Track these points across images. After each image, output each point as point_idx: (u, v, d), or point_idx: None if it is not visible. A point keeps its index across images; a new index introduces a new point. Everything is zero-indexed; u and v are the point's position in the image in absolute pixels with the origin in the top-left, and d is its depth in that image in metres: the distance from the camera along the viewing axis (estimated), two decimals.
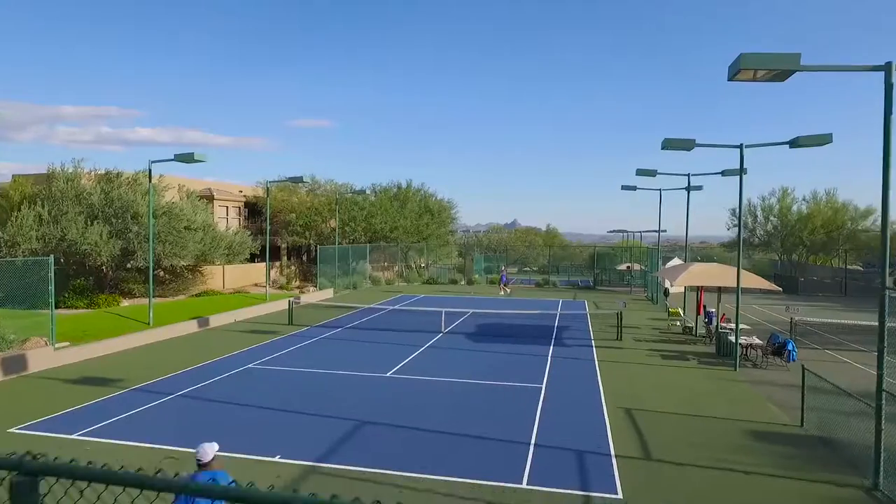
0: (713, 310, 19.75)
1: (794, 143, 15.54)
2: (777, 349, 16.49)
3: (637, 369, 16.28)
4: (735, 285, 17.12)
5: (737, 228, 47.75)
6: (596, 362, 17.09)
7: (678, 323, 23.32)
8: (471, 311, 27.07)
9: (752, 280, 16.97)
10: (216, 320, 23.25)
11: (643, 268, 41.83)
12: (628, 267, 40.72)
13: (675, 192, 30.24)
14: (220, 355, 17.34)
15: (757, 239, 46.27)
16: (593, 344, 19.89)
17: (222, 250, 32.87)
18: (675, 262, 37.22)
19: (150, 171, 20.62)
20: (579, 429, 11.17)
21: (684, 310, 23.52)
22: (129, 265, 31.06)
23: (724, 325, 18.99)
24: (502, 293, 36.79)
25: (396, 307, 28.37)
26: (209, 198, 41.87)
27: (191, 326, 21.58)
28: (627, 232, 54.41)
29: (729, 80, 9.33)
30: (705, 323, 20.01)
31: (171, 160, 19.77)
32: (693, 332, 21.76)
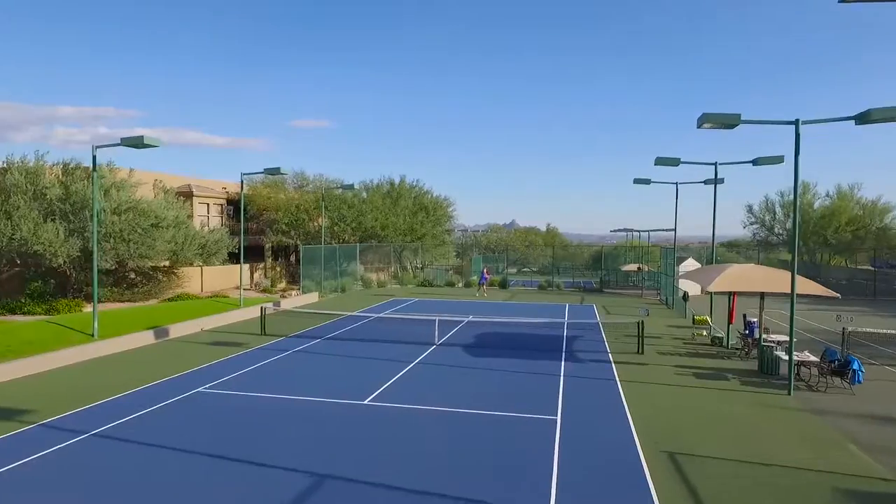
0: (754, 319, 16.89)
1: (863, 118, 12.69)
2: (838, 368, 13.65)
3: (669, 393, 13.44)
4: (782, 290, 14.33)
5: (753, 226, 45.30)
6: (618, 383, 14.24)
7: (705, 332, 20.47)
8: (468, 317, 24.25)
9: (806, 286, 14.15)
10: (178, 330, 20.37)
11: (650, 269, 39.07)
12: (639, 268, 37.89)
13: (681, 190, 27.41)
14: (166, 375, 14.46)
15: (775, 237, 43.35)
16: (611, 358, 17.05)
17: (195, 249, 29.96)
18: (690, 262, 34.46)
19: (93, 157, 17.71)
20: (613, 487, 8.32)
21: (711, 317, 20.67)
22: (109, 267, 28.18)
23: (766, 336, 16.14)
24: (477, 294, 34.24)
25: (385, 314, 25.54)
26: (188, 194, 39.01)
27: (145, 338, 18.70)
28: (634, 231, 51.64)
29: (841, 1, 6.41)
30: (744, 334, 17.14)
31: (118, 144, 16.91)
32: (724, 344, 18.93)
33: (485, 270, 37.70)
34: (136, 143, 16.56)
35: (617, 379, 14.62)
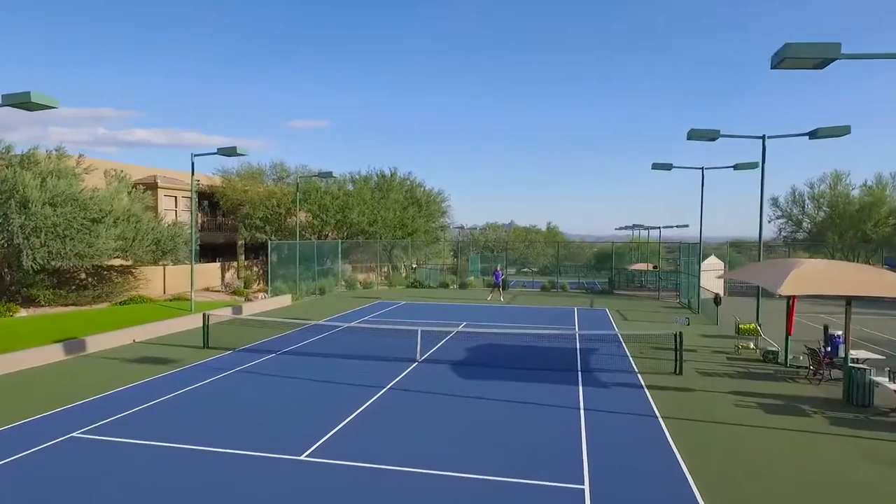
0: (839, 332, 13.04)
1: None
2: None
3: (735, 437, 9.57)
4: (886, 294, 10.51)
5: (779, 221, 41.25)
6: (660, 420, 10.38)
7: (752, 345, 16.61)
8: (461, 325, 20.41)
9: None
10: (103, 341, 16.50)
11: (658, 268, 35.27)
12: (655, 266, 34.03)
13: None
14: (44, 410, 10.59)
15: (803, 233, 39.31)
16: (642, 381, 13.18)
17: (148, 246, 26.06)
18: (713, 260, 30.64)
19: None
20: None
21: (759, 324, 16.79)
22: (40, 267, 24.31)
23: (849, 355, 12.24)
24: (490, 298, 29.65)
25: (357, 323, 21.70)
26: (152, 186, 35.06)
27: (51, 354, 14.81)
28: (644, 228, 47.79)
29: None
30: (818, 350, 13.21)
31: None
32: (779, 360, 15.09)
33: (498, 269, 31.77)
34: (22, 101, 12.65)
35: (657, 414, 10.76)
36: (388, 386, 12.51)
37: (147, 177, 36.16)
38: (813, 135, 16.40)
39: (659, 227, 45.21)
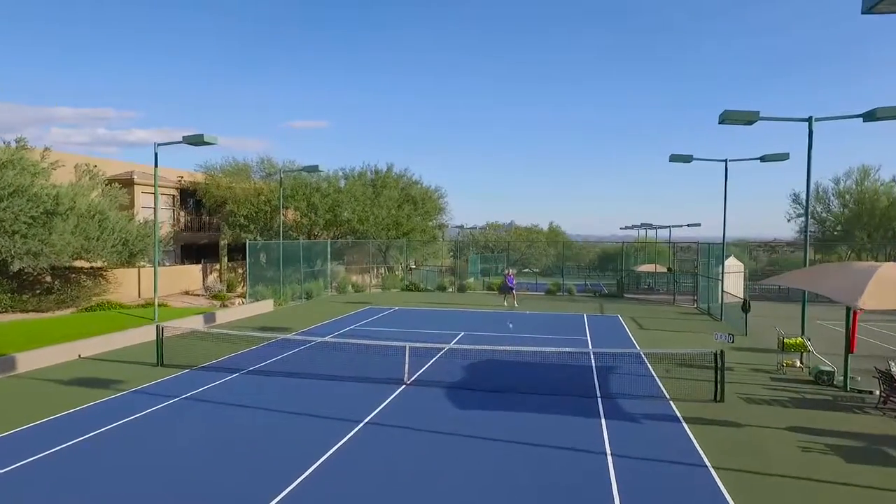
0: None
1: None
2: None
3: (810, 499, 7.20)
4: None
5: (801, 219, 38.89)
6: (712, 472, 8.02)
7: (798, 363, 14.24)
8: (458, 336, 18.04)
9: None
10: (38, 359, 14.12)
11: (672, 269, 32.94)
12: (669, 269, 31.64)
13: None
14: None
15: (827, 232, 36.89)
16: (677, 412, 10.79)
17: (114, 245, 23.66)
18: (732, 262, 28.28)
19: None
20: None
21: (808, 338, 14.39)
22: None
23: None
24: (506, 304, 26.90)
25: (335, 335, 19.38)
26: (128, 182, 32.67)
27: None
28: (654, 227, 45.43)
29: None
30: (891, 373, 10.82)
31: None
32: (836, 382, 12.73)
33: (510, 274, 27.65)
34: None
35: (706, 462, 8.39)
36: (367, 419, 10.12)
37: (123, 173, 33.76)
38: (869, 116, 14.10)
39: (669, 227, 42.93)
